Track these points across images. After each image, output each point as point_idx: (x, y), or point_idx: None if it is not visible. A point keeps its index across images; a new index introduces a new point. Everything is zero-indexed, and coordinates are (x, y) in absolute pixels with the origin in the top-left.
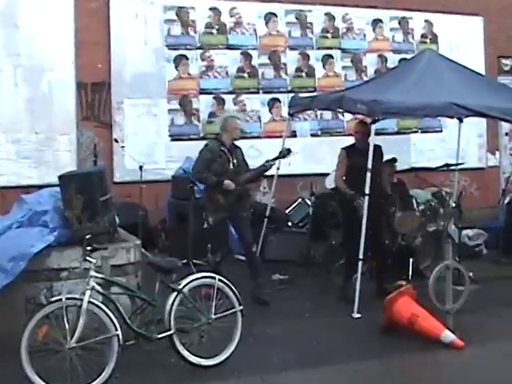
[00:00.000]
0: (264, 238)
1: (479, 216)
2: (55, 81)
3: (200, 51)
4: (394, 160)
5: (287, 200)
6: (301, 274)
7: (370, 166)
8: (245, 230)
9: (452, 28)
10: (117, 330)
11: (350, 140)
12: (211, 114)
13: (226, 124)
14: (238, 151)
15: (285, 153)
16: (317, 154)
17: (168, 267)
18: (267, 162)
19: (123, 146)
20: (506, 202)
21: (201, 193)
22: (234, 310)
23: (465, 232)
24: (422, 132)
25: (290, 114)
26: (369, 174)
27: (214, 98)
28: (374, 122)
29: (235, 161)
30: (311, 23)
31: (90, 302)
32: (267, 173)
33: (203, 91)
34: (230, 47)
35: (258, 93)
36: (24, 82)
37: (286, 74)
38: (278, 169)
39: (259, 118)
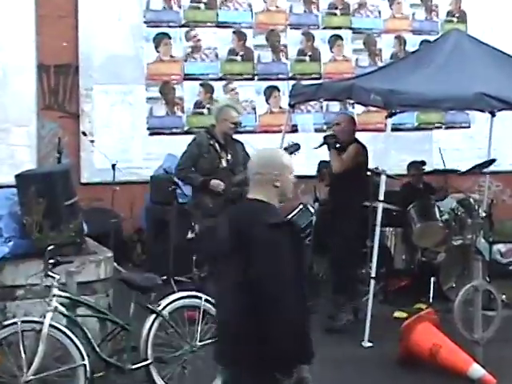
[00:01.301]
0: None
1: None
2: (11, 62)
3: (185, 29)
4: (422, 163)
5: (285, 206)
6: None
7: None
8: None
9: (484, 5)
10: (83, 359)
11: (361, 136)
12: (197, 104)
13: (218, 114)
14: (236, 146)
15: (292, 149)
16: (322, 153)
17: (145, 285)
18: None
19: (92, 141)
20: None
21: (185, 197)
22: None
23: (496, 247)
24: (446, 128)
25: (290, 105)
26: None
27: (200, 85)
28: (391, 115)
29: (229, 157)
30: None
31: (51, 325)
32: None
33: (188, 77)
34: (220, 25)
35: (252, 79)
36: None
37: (287, 57)
38: None
39: (254, 109)
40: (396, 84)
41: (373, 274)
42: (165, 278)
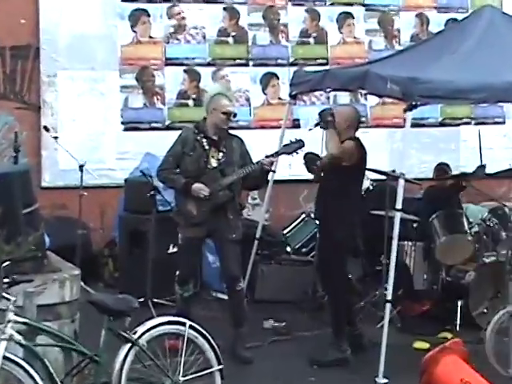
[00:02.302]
0: (253, 269)
1: None
2: None
3: (166, 5)
4: (447, 165)
5: (286, 216)
6: (303, 322)
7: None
8: (229, 259)
9: None
10: None
11: (376, 133)
12: (181, 94)
13: (208, 105)
14: (233, 143)
15: (294, 146)
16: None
17: (118, 308)
18: (266, 157)
19: (56, 137)
20: None
21: (166, 204)
22: (210, 369)
23: None
24: (476, 124)
25: (291, 96)
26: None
27: (185, 71)
28: (411, 108)
29: (221, 156)
30: None
31: (5, 357)
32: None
33: (170, 62)
34: (208, 0)
35: (247, 65)
36: None
37: (287, 39)
38: (273, 172)
39: (248, 100)
40: (417, 71)
41: (388, 297)
42: (142, 299)
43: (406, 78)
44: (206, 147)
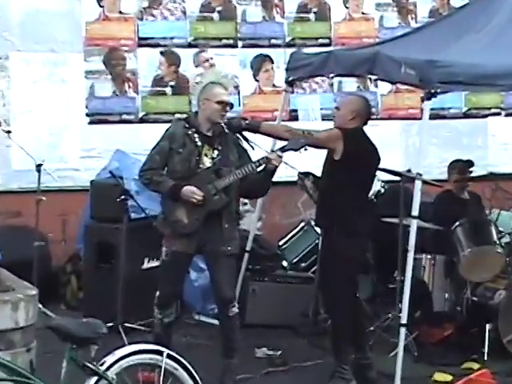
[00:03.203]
0: (243, 287)
1: None
2: None
3: None
4: (469, 163)
5: (281, 224)
6: (302, 349)
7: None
8: (222, 277)
9: None
10: None
11: (388, 126)
12: (157, 81)
13: (199, 95)
14: (229, 140)
15: (293, 145)
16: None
17: (83, 335)
18: (278, 149)
19: (9, 132)
20: None
21: (139, 211)
22: None
23: None
24: (506, 115)
25: (288, 83)
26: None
27: (161, 53)
28: (429, 97)
29: (216, 154)
30: None
31: None
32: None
33: (144, 42)
34: None
35: (235, 46)
36: None
37: (283, 15)
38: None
39: (237, 87)
40: (436, 53)
41: (403, 320)
42: (111, 324)
43: (423, 61)
44: (199, 144)
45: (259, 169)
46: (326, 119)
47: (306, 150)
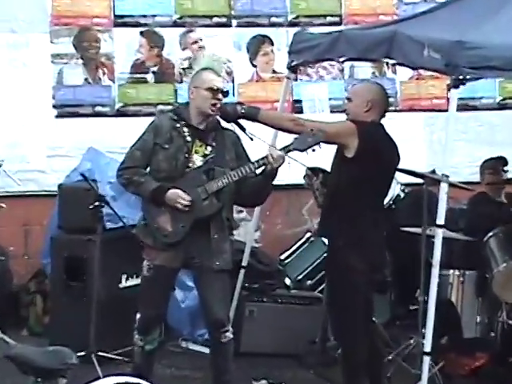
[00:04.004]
0: (238, 309)
1: None
2: None
3: None
4: (502, 161)
5: (283, 235)
6: (308, 382)
7: None
8: (213, 297)
9: None
10: None
11: (409, 118)
12: (137, 66)
13: (190, 83)
14: (225, 136)
15: (311, 140)
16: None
17: (48, 366)
18: (281, 149)
19: None
20: None
21: (116, 219)
22: None
23: None
24: None
25: (290, 68)
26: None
27: (142, 33)
28: (457, 84)
29: (209, 151)
30: None
31: None
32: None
33: (122, 21)
34: None
35: (228, 25)
36: None
37: None
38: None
39: (231, 74)
40: (466, 32)
41: (427, 348)
42: (83, 353)
43: (449, 42)
44: (188, 139)
45: (258, 170)
46: (336, 111)
47: (314, 151)
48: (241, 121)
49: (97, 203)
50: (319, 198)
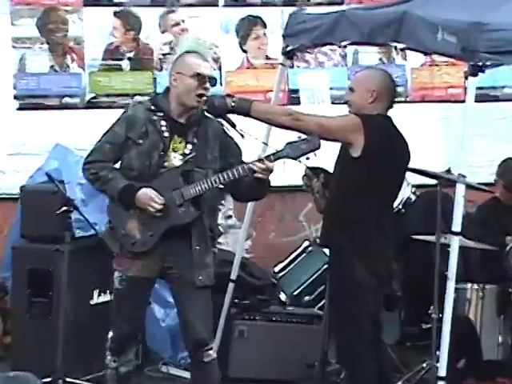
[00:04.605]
0: (227, 328)
1: None
2: None
3: None
4: None
5: (278, 244)
6: None
7: None
8: (194, 314)
9: None
10: None
11: (421, 110)
12: (110, 52)
13: (172, 68)
14: (209, 129)
15: (305, 146)
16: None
17: None
18: (259, 161)
19: None
20: None
21: (87, 227)
22: None
23: None
24: None
25: (286, 54)
26: None
27: (115, 14)
28: (476, 72)
29: (190, 148)
30: None
31: None
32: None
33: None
34: None
35: (214, 5)
36: None
37: None
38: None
39: (218, 60)
40: (485, 13)
41: (442, 372)
42: (49, 379)
43: (466, 24)
44: (166, 134)
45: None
46: (337, 102)
47: (308, 159)
48: (230, 116)
49: (65, 208)
50: (320, 202)
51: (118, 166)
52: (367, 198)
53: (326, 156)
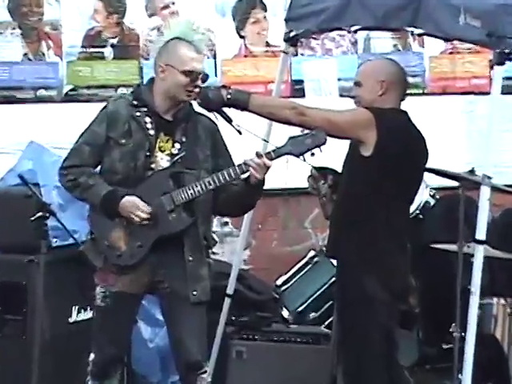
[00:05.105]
0: (223, 348)
1: None
2: None
3: None
4: None
5: (280, 254)
6: None
7: None
8: (186, 333)
9: None
10: None
11: (441, 103)
12: (90, 37)
13: (158, 57)
14: (199, 127)
15: (309, 141)
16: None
17: None
18: (258, 156)
19: None
20: None
21: (65, 235)
22: None
23: None
24: None
25: (289, 40)
26: None
27: None
28: (502, 60)
29: (178, 148)
30: None
31: None
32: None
33: None
34: None
35: None
36: None
37: None
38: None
39: (212, 47)
40: None
41: None
42: None
43: (492, 6)
44: (151, 132)
45: (244, 175)
46: (346, 95)
47: (313, 155)
48: (226, 110)
49: (40, 214)
50: (327, 207)
51: (98, 170)
52: (379, 203)
53: (334, 154)
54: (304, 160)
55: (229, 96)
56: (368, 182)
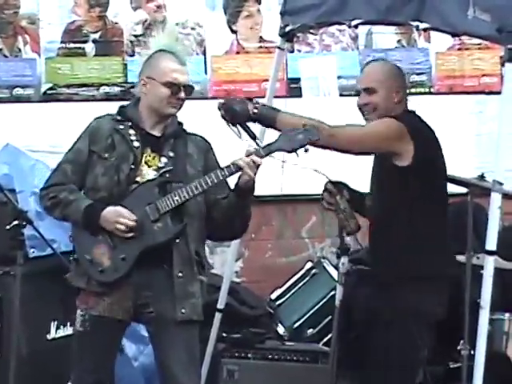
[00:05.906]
0: (213, 367)
1: None
2: None
3: None
4: None
5: (275, 266)
6: None
7: None
8: (173, 355)
9: None
10: None
11: (449, 103)
12: (71, 33)
13: (143, 70)
14: (189, 146)
15: (301, 137)
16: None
17: None
18: (248, 155)
19: None
20: None
21: (43, 246)
22: None
23: None
24: None
25: (284, 36)
26: None
27: None
28: None
29: (164, 162)
30: None
31: None
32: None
33: None
34: None
35: None
36: None
37: None
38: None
39: (202, 44)
40: None
41: None
42: None
43: None
44: (136, 144)
45: (232, 176)
46: (347, 94)
47: (306, 151)
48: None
49: (16, 222)
50: (348, 223)
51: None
52: (424, 214)
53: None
54: (297, 156)
55: (255, 110)
56: (408, 193)
